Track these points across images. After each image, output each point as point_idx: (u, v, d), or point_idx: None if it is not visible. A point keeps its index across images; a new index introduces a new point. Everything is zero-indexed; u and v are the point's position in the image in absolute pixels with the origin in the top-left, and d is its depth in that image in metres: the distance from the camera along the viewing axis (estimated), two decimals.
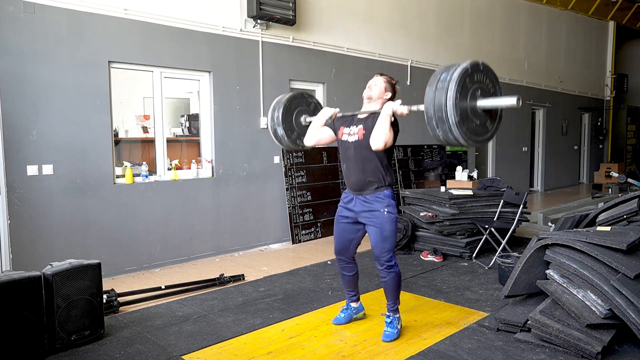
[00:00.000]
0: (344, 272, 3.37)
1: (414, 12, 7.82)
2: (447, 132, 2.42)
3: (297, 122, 3.51)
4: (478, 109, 2.50)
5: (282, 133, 3.43)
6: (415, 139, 7.86)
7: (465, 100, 2.43)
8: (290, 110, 3.47)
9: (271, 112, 3.48)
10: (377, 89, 3.13)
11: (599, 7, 12.28)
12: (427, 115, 2.47)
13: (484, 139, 2.60)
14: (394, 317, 3.23)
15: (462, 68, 2.40)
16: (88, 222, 4.57)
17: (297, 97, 3.54)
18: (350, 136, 3.12)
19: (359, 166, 3.08)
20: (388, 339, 3.16)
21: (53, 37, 4.32)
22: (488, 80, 2.54)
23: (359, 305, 3.51)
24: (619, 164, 13.01)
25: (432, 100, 2.43)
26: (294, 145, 3.53)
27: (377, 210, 3.05)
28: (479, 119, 2.53)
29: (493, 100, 2.51)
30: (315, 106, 3.62)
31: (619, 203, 3.95)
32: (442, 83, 2.40)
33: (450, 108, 2.36)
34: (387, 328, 3.22)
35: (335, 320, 3.44)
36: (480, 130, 2.55)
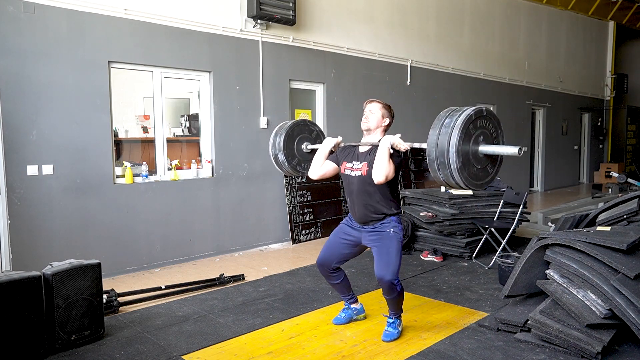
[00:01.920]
0: (331, 282, 3.32)
1: (414, 12, 7.82)
2: (448, 176, 2.46)
3: (299, 148, 3.54)
4: (480, 153, 2.52)
5: (283, 159, 3.46)
6: (415, 139, 7.85)
7: (468, 145, 2.46)
8: (292, 136, 3.49)
9: (273, 138, 3.50)
10: (374, 118, 3.09)
11: (599, 7, 12.28)
12: (429, 158, 2.49)
13: (484, 182, 2.64)
14: (395, 318, 3.22)
15: (466, 115, 2.41)
16: (88, 222, 4.57)
17: (299, 124, 3.57)
18: (352, 171, 3.09)
19: (363, 201, 3.05)
20: (388, 338, 3.16)
21: (53, 37, 4.32)
22: (491, 126, 2.57)
23: (360, 307, 3.49)
24: (619, 164, 13.00)
25: (435, 144, 2.45)
26: (294, 171, 3.54)
27: (384, 231, 3.03)
28: (480, 164, 2.56)
29: (495, 148, 2.53)
30: (317, 134, 3.64)
31: (619, 203, 3.95)
32: (446, 129, 2.42)
33: (452, 155, 2.39)
34: (389, 328, 3.21)
35: (336, 320, 3.44)
36: (480, 175, 2.59)
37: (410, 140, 2.97)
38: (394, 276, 2.94)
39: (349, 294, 3.41)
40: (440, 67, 8.30)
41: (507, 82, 9.86)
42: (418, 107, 7.90)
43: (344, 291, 3.38)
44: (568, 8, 11.45)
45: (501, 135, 2.63)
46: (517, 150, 2.43)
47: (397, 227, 3.05)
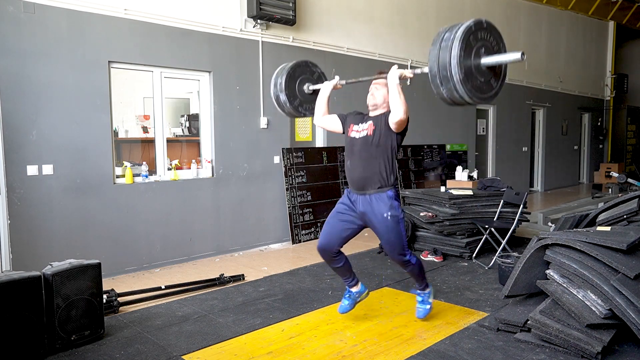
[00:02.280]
0: (333, 265, 3.30)
1: (414, 12, 7.82)
2: (452, 90, 2.43)
3: (300, 89, 3.52)
4: (482, 66, 2.49)
5: (285, 99, 3.44)
6: (415, 139, 7.87)
7: (469, 58, 2.42)
8: (293, 77, 3.47)
9: (274, 79, 3.50)
10: (380, 95, 3.13)
11: (599, 7, 12.28)
12: (430, 74, 2.46)
13: (489, 96, 2.59)
14: (424, 293, 3.33)
15: (466, 26, 2.39)
16: (88, 222, 4.57)
17: (301, 65, 3.55)
18: (358, 133, 3.13)
19: (363, 162, 3.07)
20: (422, 315, 3.33)
21: (53, 37, 4.32)
22: (492, 38, 2.53)
23: (362, 288, 3.44)
24: (619, 164, 13.00)
25: (437, 58, 2.42)
26: (296, 112, 3.53)
27: (381, 214, 3.03)
28: (484, 77, 2.52)
29: (497, 57, 2.50)
30: (319, 75, 3.62)
31: (619, 203, 3.95)
32: (446, 42, 2.40)
33: (454, 66, 2.36)
34: (419, 305, 3.35)
35: (341, 309, 3.39)
36: (485, 88, 2.55)
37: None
38: (403, 252, 3.11)
39: (350, 277, 3.38)
40: None
41: (507, 82, 9.82)
42: (418, 107, 7.88)
43: (345, 274, 3.36)
44: (568, 8, 11.45)
45: (503, 48, 2.59)
46: (520, 55, 2.39)
47: (394, 207, 3.04)
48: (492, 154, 9.82)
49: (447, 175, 8.20)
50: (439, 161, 8.35)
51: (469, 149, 9.10)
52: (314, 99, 3.47)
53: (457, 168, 6.73)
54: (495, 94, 2.64)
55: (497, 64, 2.54)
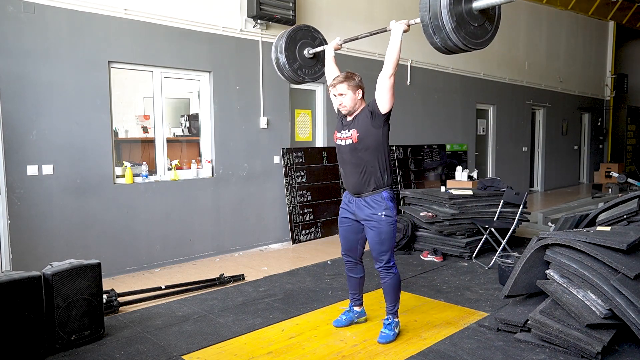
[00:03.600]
0: (350, 274, 3.35)
1: (414, 12, 7.78)
2: (445, 39, 2.39)
3: (301, 53, 3.50)
4: (474, 10, 2.44)
5: (284, 61, 3.42)
6: (415, 139, 7.87)
7: (460, 4, 2.37)
8: (294, 40, 3.46)
9: (275, 42, 3.50)
10: (349, 99, 3.03)
11: (599, 7, 12.28)
12: (422, 24, 2.42)
13: (484, 40, 2.54)
14: (392, 319, 3.21)
15: None
16: (88, 222, 4.57)
17: (302, 28, 3.55)
18: (343, 140, 3.09)
19: (356, 169, 3.05)
20: (384, 340, 3.13)
21: (53, 37, 4.32)
22: None
23: (362, 310, 3.48)
24: (619, 164, 13.00)
25: (427, 7, 2.38)
26: (295, 75, 3.52)
27: (375, 213, 3.03)
28: (477, 21, 2.47)
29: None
30: (320, 42, 3.62)
31: (619, 203, 3.95)
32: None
33: (445, 15, 2.32)
34: (385, 329, 3.19)
35: (336, 323, 3.42)
36: (479, 33, 2.50)
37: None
38: (388, 257, 3.06)
39: (359, 294, 3.42)
40: (440, 67, 8.30)
41: (507, 82, 9.86)
42: (418, 107, 7.90)
43: (356, 288, 3.39)
44: (568, 8, 11.45)
45: None
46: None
47: (389, 208, 3.03)
48: (492, 154, 9.82)
49: (447, 175, 8.20)
50: (439, 161, 8.35)
51: (469, 149, 9.10)
52: (314, 63, 3.48)
53: (457, 168, 6.73)
54: (491, 38, 2.57)
55: (489, 6, 2.47)
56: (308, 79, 3.62)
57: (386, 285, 3.13)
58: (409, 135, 7.74)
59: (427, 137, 8.15)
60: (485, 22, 2.51)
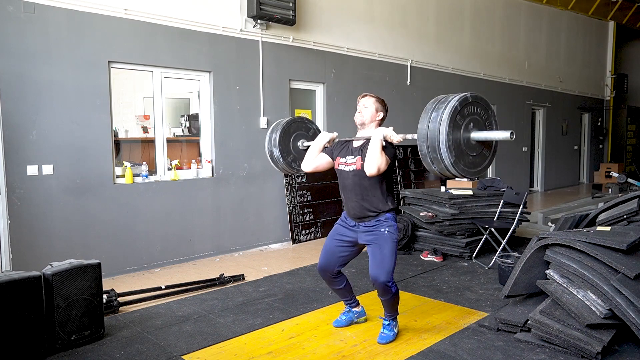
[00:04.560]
0: (333, 287, 3.28)
1: (414, 12, 7.82)
2: (443, 170, 2.44)
3: (295, 145, 3.53)
4: (472, 141, 2.48)
5: (278, 155, 3.45)
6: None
7: (459, 134, 2.41)
8: (288, 133, 3.49)
9: (269, 134, 3.49)
10: (368, 112, 3.05)
11: (599, 7, 12.28)
12: (421, 153, 2.45)
13: (481, 168, 2.59)
14: (391, 320, 3.20)
15: (452, 107, 2.36)
16: (88, 222, 4.57)
17: (296, 121, 3.57)
18: (346, 166, 3.06)
19: (358, 196, 3.02)
20: (384, 341, 3.13)
21: (53, 37, 4.32)
22: (480, 109, 2.51)
23: (361, 310, 3.47)
24: (619, 164, 13.00)
25: (425, 139, 2.40)
26: (289, 168, 3.53)
27: (379, 230, 3.00)
28: (475, 151, 2.50)
29: (486, 134, 2.48)
30: (314, 132, 3.64)
31: (619, 203, 3.95)
32: (434, 124, 2.38)
33: (444, 151, 2.35)
34: (384, 330, 3.18)
35: (336, 323, 3.41)
36: (477, 162, 2.54)
37: (410, 140, 2.95)
38: (388, 277, 2.92)
39: (350, 298, 3.39)
40: (440, 67, 8.30)
41: (507, 82, 9.86)
42: (418, 107, 7.88)
43: (345, 295, 3.36)
44: (568, 8, 11.45)
45: (492, 115, 2.58)
46: (509, 135, 2.38)
47: (392, 226, 3.01)
48: None
49: None
50: None
51: None
52: None
53: None
54: (488, 164, 2.63)
55: (487, 140, 2.52)
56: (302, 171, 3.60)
57: (384, 300, 3.07)
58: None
59: None
60: (483, 149, 2.56)
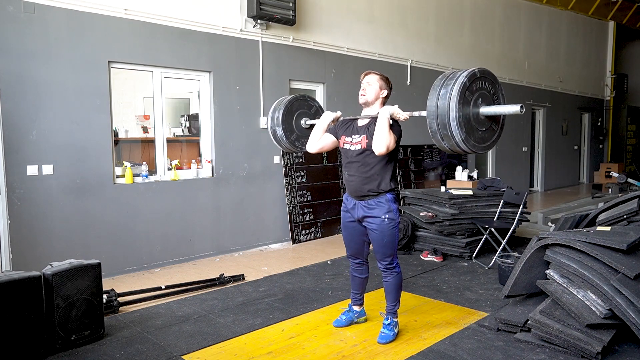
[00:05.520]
0: (355, 274, 3.34)
1: (414, 12, 7.82)
2: (454, 146, 2.44)
3: (298, 124, 3.51)
4: (481, 115, 2.49)
5: (282, 134, 3.43)
6: (415, 139, 7.86)
7: (468, 109, 2.42)
8: (291, 111, 3.47)
9: (271, 113, 3.49)
10: (372, 90, 3.05)
11: (599, 7, 12.28)
12: (431, 130, 2.45)
13: (491, 142, 2.61)
14: (392, 319, 3.20)
15: (460, 83, 2.37)
16: (88, 222, 4.57)
17: (298, 99, 3.54)
18: (352, 145, 3.07)
19: (361, 174, 3.04)
20: (384, 340, 3.13)
21: (53, 37, 4.32)
22: (488, 84, 2.52)
23: (362, 310, 3.47)
24: (619, 164, 13.00)
25: (435, 115, 2.41)
26: (293, 147, 3.52)
27: (378, 216, 3.02)
28: (484, 126, 2.52)
29: (496, 108, 2.49)
30: (316, 110, 3.62)
31: (619, 203, 3.95)
32: (443, 101, 2.38)
33: (455, 127, 2.36)
34: (384, 330, 3.19)
35: (336, 323, 3.41)
36: (486, 136, 2.56)
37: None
38: (391, 258, 3.07)
39: (360, 293, 3.41)
40: (440, 67, 8.29)
41: (507, 82, 9.86)
42: (418, 107, 7.86)
43: (358, 288, 3.39)
44: (568, 8, 11.45)
45: (500, 90, 2.58)
46: (519, 109, 2.39)
47: (392, 210, 3.03)
48: (492, 154, 9.81)
49: (447, 175, 8.20)
50: (439, 161, 8.35)
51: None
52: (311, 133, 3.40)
53: (457, 168, 6.72)
54: (497, 138, 2.66)
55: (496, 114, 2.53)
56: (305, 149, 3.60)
57: (388, 284, 3.14)
58: (409, 135, 7.68)
59: (427, 137, 8.07)
60: (492, 124, 2.58)
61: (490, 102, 2.54)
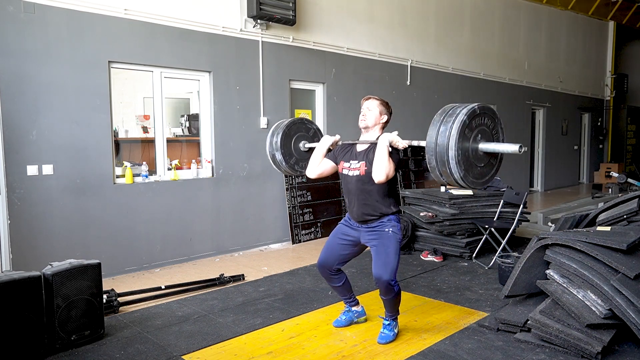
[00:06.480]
0: (332, 284, 3.28)
1: (414, 12, 7.82)
2: (452, 182, 2.46)
3: (296, 147, 3.51)
4: (480, 151, 2.49)
5: (281, 158, 3.42)
6: (415, 139, 7.85)
7: (467, 145, 2.42)
8: (289, 135, 3.47)
9: (270, 137, 3.47)
10: (372, 115, 3.04)
11: (599, 7, 12.28)
12: (429, 165, 2.45)
13: (489, 177, 2.62)
14: (392, 320, 3.20)
15: (460, 121, 2.37)
16: (88, 222, 4.57)
17: (296, 122, 3.55)
18: (350, 171, 3.06)
19: (361, 200, 3.02)
20: (384, 340, 3.13)
21: (53, 37, 4.32)
22: (488, 120, 2.52)
23: (361, 310, 3.46)
24: (619, 164, 13.00)
25: (434, 152, 2.41)
26: (292, 170, 3.51)
27: (382, 230, 3.01)
28: (482, 162, 2.52)
29: (495, 146, 2.49)
30: (314, 132, 3.61)
31: (619, 203, 3.95)
32: (442, 138, 2.38)
33: (453, 166, 2.37)
34: (384, 330, 3.18)
35: (336, 323, 3.40)
36: (485, 171, 2.56)
37: (410, 140, 2.96)
38: (391, 276, 2.92)
39: (350, 297, 3.39)
40: (440, 67, 8.30)
41: (507, 82, 9.86)
42: (418, 107, 7.90)
43: (345, 293, 3.35)
44: (568, 8, 11.45)
45: (499, 124, 2.59)
46: (518, 148, 2.39)
47: (395, 226, 3.02)
48: None
49: None
50: None
51: None
52: (310, 156, 3.35)
53: None
54: (495, 172, 2.66)
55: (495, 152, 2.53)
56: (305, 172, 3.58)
57: (386, 300, 3.07)
58: (409, 135, 7.65)
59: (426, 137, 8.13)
60: (491, 159, 2.58)
61: (490, 137, 2.54)
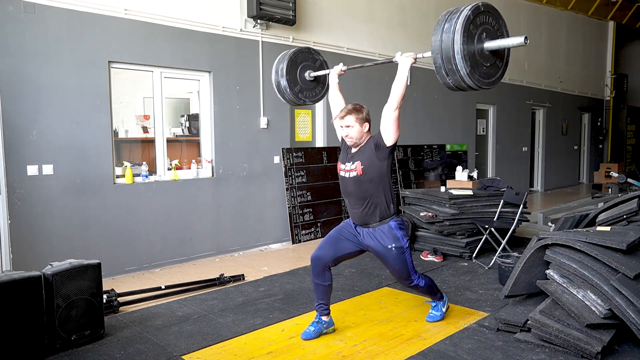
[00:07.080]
0: (317, 281, 3.14)
1: (414, 12, 7.82)
2: (459, 81, 2.42)
3: (302, 76, 3.52)
4: (485, 51, 2.47)
5: (285, 85, 3.43)
6: (416, 139, 7.87)
7: (473, 45, 2.39)
8: (295, 63, 3.47)
9: (276, 65, 3.50)
10: (355, 131, 3.01)
11: (599, 7, 12.28)
12: (435, 65, 2.43)
13: (495, 79, 2.58)
14: (437, 301, 3.35)
15: (465, 16, 2.35)
16: (88, 222, 4.57)
17: (303, 51, 3.55)
18: (347, 172, 3.06)
19: (361, 201, 3.02)
20: (431, 320, 3.39)
21: (53, 37, 4.32)
22: (491, 19, 2.51)
23: (330, 320, 3.27)
24: (619, 164, 13.00)
25: (439, 50, 2.39)
26: (296, 99, 3.52)
27: (385, 246, 3.02)
28: (488, 61, 2.50)
29: (500, 42, 2.47)
30: (321, 63, 3.62)
31: (619, 203, 3.95)
32: (447, 34, 2.36)
33: (459, 61, 2.34)
34: (432, 311, 3.42)
35: (305, 335, 3.20)
36: (491, 72, 2.54)
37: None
38: (408, 279, 3.16)
39: (326, 303, 3.23)
40: None
41: (507, 82, 9.86)
42: (418, 107, 7.90)
43: (323, 297, 3.19)
44: (568, 8, 11.45)
45: (503, 25, 2.57)
46: (523, 40, 2.36)
47: (397, 238, 3.03)
48: (492, 154, 9.82)
49: (447, 175, 8.20)
50: (439, 161, 8.35)
51: (469, 149, 9.10)
52: (315, 86, 3.47)
53: (457, 168, 6.73)
54: (502, 75, 2.62)
55: (500, 48, 2.51)
56: (309, 102, 3.62)
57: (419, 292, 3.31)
58: (409, 135, 7.73)
59: (427, 137, 8.15)
60: (496, 60, 2.55)
61: (494, 37, 2.51)
